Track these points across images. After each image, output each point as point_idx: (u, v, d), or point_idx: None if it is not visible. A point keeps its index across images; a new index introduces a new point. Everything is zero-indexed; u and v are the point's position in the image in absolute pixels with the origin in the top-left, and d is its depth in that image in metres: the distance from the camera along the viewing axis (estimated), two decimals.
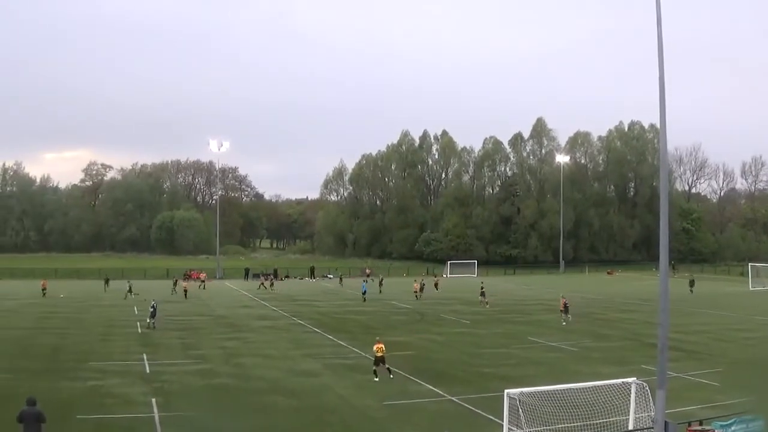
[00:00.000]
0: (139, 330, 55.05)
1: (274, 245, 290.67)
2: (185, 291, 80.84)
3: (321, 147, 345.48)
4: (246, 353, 45.19)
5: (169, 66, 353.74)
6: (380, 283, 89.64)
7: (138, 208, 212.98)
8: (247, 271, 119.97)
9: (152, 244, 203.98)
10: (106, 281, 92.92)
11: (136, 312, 66.56)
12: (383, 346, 36.84)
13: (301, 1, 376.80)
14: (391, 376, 36.03)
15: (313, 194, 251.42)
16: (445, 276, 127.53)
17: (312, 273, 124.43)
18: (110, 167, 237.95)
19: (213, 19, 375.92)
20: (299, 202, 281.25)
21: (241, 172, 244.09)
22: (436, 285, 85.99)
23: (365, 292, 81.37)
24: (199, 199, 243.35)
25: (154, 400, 31.88)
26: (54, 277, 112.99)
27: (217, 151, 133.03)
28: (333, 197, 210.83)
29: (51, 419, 23.52)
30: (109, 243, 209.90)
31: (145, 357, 42.90)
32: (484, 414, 29.15)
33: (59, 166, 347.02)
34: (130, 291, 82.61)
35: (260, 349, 46.87)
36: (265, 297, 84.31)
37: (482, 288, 75.25)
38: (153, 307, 55.86)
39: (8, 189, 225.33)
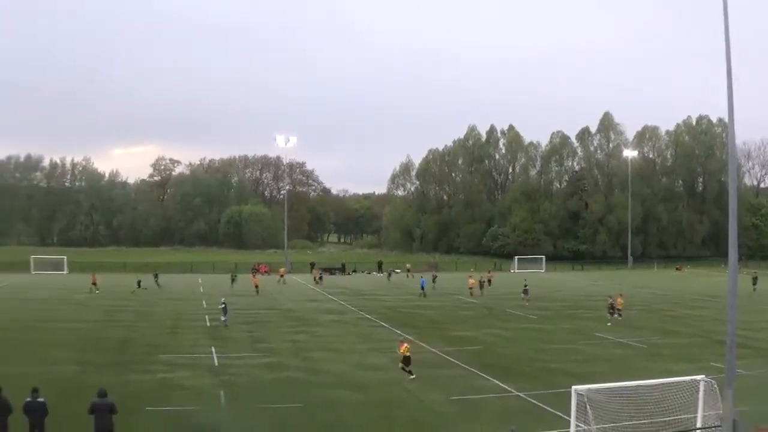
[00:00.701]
0: (208, 323, 55.67)
1: (342, 240, 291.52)
2: (256, 287, 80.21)
3: (388, 142, 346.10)
4: (314, 347, 45.50)
5: (237, 63, 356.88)
6: (433, 279, 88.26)
7: (206, 203, 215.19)
8: (313, 265, 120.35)
9: (220, 238, 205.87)
10: (156, 276, 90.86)
11: (205, 305, 67.30)
12: (408, 345, 36.73)
13: None
14: (413, 376, 35.29)
15: (380, 189, 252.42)
16: (512, 271, 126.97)
17: (380, 267, 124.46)
18: (178, 162, 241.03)
19: (280, 17, 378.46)
20: (366, 196, 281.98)
21: (308, 167, 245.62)
22: (489, 281, 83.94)
23: (424, 287, 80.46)
24: (266, 193, 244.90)
25: (222, 392, 32.43)
26: (123, 270, 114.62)
27: (284, 146, 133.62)
28: (400, 192, 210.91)
29: (120, 411, 24.10)
30: (178, 237, 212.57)
31: (213, 350, 43.49)
32: (551, 410, 29.12)
33: (127, 162, 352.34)
34: (139, 285, 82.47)
35: (328, 343, 47.16)
36: (333, 291, 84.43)
37: (525, 285, 73.57)
38: (223, 304, 55.09)
39: (77, 184, 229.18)
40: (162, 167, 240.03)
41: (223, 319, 53.72)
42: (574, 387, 23.22)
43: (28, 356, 41.25)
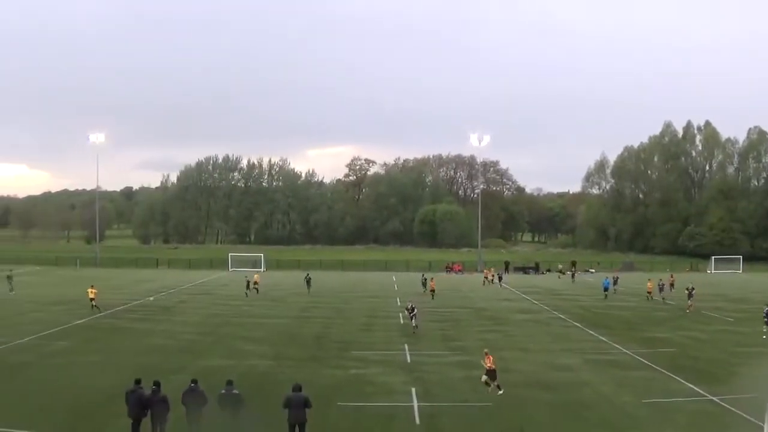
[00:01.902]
0: (401, 321, 56.26)
1: (536, 239, 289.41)
2: (432, 292, 75.25)
3: (582, 140, 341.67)
4: (505, 346, 45.36)
5: (428, 64, 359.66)
6: (615, 281, 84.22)
7: (401, 202, 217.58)
8: (506, 264, 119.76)
9: (415, 237, 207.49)
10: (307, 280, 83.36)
11: (399, 303, 68.06)
12: (493, 357, 34.29)
13: None
14: (500, 391, 32.44)
15: (575, 188, 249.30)
16: (709, 272, 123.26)
17: (573, 267, 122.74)
18: (373, 162, 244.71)
19: (465, 16, 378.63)
20: (560, 195, 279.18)
21: (502, 165, 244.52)
22: (671, 285, 79.75)
23: (607, 288, 78.02)
24: (460, 192, 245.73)
25: (413, 389, 32.78)
26: (318, 268, 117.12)
27: (477, 145, 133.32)
28: (595, 190, 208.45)
29: (315, 405, 24.86)
30: (373, 236, 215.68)
31: (406, 347, 44.06)
32: (746, 416, 28.17)
33: (323, 162, 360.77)
34: (248, 286, 76.80)
35: (520, 343, 47.05)
36: (526, 291, 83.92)
37: (691, 289, 68.43)
38: (411, 307, 52.06)
39: (275, 184, 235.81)
40: (357, 167, 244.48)
41: (413, 324, 51.14)
42: None
43: (226, 350, 43.00)
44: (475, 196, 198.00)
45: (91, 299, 59.94)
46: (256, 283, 77.81)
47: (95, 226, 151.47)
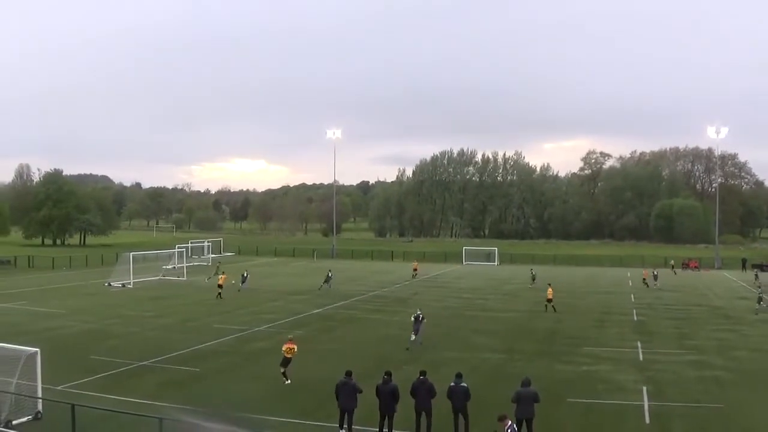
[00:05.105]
0: (635, 318, 55.93)
1: None
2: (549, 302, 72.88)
3: None
4: (741, 346, 44.28)
5: (665, 55, 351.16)
6: None
7: (637, 196, 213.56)
8: (744, 261, 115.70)
9: (651, 232, 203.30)
10: (532, 277, 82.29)
11: (633, 299, 67.34)
12: (294, 347, 33.39)
13: None
14: (288, 381, 32.38)
15: None
16: None
17: None
18: (609, 155, 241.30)
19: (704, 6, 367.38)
20: None
21: (741, 158, 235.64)
22: None
23: None
24: (698, 186, 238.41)
25: (645, 388, 32.50)
26: (553, 263, 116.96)
27: (715, 137, 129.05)
28: None
29: (544, 400, 25.31)
30: (608, 230, 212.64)
31: (639, 345, 43.65)
32: None
33: (558, 156, 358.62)
34: (326, 281, 74.54)
35: (756, 343, 45.64)
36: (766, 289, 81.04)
37: (760, 293, 64.80)
38: (419, 317, 43.51)
39: (509, 178, 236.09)
40: (593, 160, 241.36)
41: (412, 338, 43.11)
42: None
43: (459, 343, 43.94)
44: (713, 190, 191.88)
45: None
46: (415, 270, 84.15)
47: (332, 219, 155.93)
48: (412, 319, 43.64)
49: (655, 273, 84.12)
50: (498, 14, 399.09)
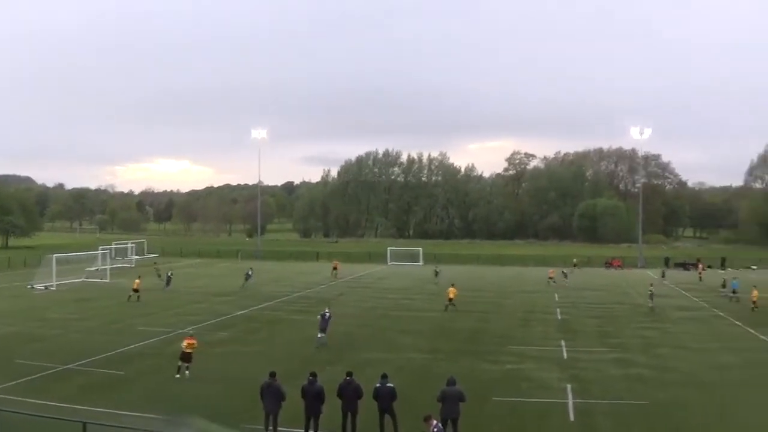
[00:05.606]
0: (559, 316, 56.34)
1: (697, 234, 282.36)
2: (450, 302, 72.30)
3: (745, 132, 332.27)
4: (664, 344, 44.69)
5: (588, 56, 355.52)
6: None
7: (560, 196, 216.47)
8: (666, 260, 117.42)
9: (574, 231, 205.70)
10: (435, 273, 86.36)
11: (557, 298, 67.85)
12: (195, 342, 34.45)
13: None
14: (178, 375, 33.21)
15: (737, 181, 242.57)
16: None
17: (722, 264, 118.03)
18: (533, 156, 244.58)
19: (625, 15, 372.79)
20: (724, 189, 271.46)
21: (664, 159, 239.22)
22: None
23: (736, 289, 70.36)
24: (621, 186, 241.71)
25: (569, 386, 32.60)
26: (477, 263, 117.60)
27: (639, 138, 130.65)
28: (758, 185, 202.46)
29: (469, 399, 25.13)
30: (532, 230, 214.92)
31: (563, 343, 43.87)
32: None
33: (482, 156, 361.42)
34: (247, 279, 77.67)
35: (678, 341, 46.10)
36: (686, 287, 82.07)
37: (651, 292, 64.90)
38: (326, 315, 43.35)
39: (434, 179, 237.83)
40: (517, 161, 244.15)
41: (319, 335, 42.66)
42: None
43: (385, 343, 43.79)
44: (636, 190, 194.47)
45: None
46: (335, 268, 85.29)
47: (257, 219, 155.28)
48: (319, 317, 43.34)
49: (565, 272, 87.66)
50: (422, 17, 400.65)
